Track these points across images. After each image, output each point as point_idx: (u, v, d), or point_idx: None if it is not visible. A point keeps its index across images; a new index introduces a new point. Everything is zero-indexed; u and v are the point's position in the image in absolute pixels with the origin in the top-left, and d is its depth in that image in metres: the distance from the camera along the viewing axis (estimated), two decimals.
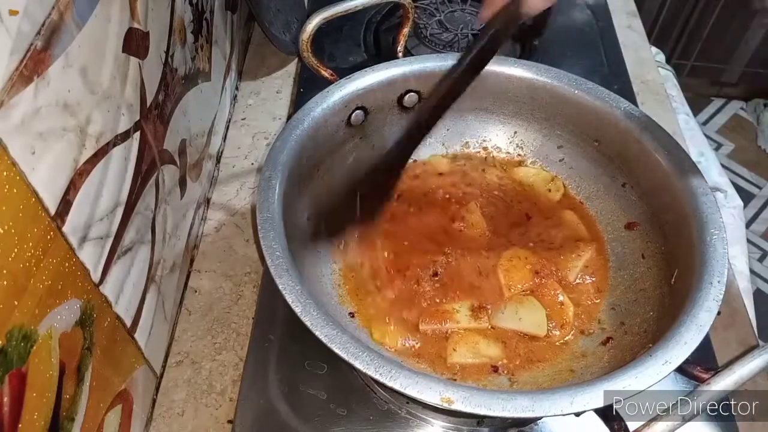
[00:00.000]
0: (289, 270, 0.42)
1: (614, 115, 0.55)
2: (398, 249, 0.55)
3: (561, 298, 0.53)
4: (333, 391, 0.52)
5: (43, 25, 0.31)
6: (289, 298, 0.40)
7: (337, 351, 0.38)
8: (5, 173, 0.28)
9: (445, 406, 0.36)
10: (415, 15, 0.63)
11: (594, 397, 0.37)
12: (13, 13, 0.28)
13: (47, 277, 0.33)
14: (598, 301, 0.53)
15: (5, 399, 0.29)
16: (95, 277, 0.39)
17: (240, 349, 0.56)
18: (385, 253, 0.54)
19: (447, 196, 0.59)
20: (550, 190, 0.61)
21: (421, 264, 0.54)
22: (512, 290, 0.53)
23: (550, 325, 0.51)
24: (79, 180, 0.35)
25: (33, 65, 0.30)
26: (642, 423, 0.36)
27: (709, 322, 0.40)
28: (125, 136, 0.42)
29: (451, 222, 0.57)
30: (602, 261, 0.56)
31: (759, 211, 1.61)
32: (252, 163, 0.72)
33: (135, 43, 0.43)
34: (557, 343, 0.51)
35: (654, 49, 0.96)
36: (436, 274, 0.53)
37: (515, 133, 0.62)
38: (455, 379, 0.49)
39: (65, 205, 0.34)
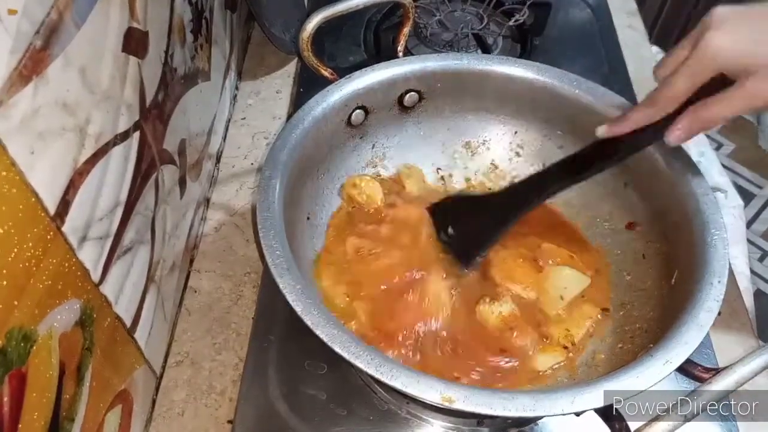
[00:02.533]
0: (289, 269, 0.41)
1: (614, 115, 0.55)
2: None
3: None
4: (333, 391, 0.52)
5: (42, 24, 0.31)
6: (289, 298, 0.40)
7: (338, 350, 0.38)
8: (4, 173, 0.28)
9: (446, 405, 0.36)
10: (416, 15, 0.63)
11: (595, 396, 0.37)
12: (11, 12, 0.28)
13: (47, 277, 0.33)
14: (598, 301, 0.53)
15: (5, 399, 0.29)
16: (95, 277, 0.39)
17: (240, 349, 0.56)
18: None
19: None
20: None
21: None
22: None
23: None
24: (78, 180, 0.35)
25: (32, 65, 0.30)
26: (643, 423, 0.36)
27: (710, 322, 0.40)
28: (125, 135, 0.42)
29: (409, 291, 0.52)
30: (596, 306, 0.53)
31: (759, 211, 1.61)
32: (252, 163, 0.72)
33: (134, 42, 0.43)
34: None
35: (655, 49, 0.96)
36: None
37: (516, 133, 0.62)
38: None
39: (65, 204, 0.34)
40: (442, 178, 0.63)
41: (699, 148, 0.94)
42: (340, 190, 0.59)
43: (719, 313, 0.41)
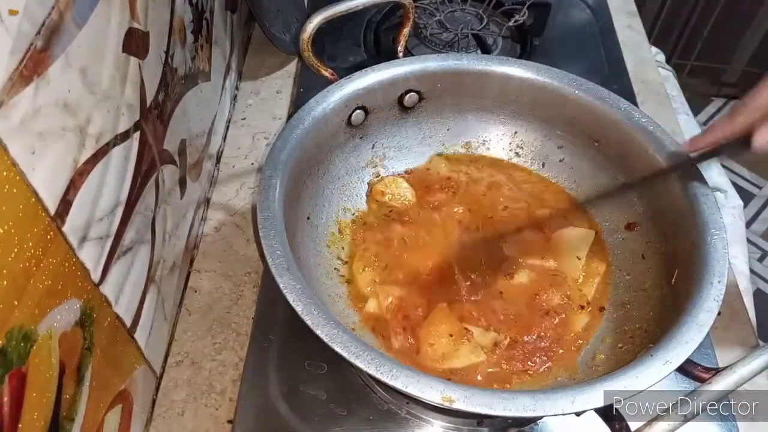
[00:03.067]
0: (290, 269, 0.42)
1: (614, 115, 0.55)
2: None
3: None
4: (333, 391, 0.52)
5: (43, 24, 0.31)
6: (290, 297, 0.40)
7: (338, 350, 0.38)
8: (5, 173, 0.28)
9: (447, 405, 0.36)
10: (416, 15, 0.63)
11: (595, 396, 0.37)
12: (13, 12, 0.28)
13: (47, 277, 0.33)
14: (598, 300, 0.53)
15: (5, 399, 0.29)
16: (95, 276, 0.39)
17: (240, 349, 0.56)
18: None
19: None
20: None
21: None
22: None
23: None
24: (79, 180, 0.35)
25: (33, 65, 0.30)
26: (643, 423, 0.36)
27: (710, 322, 0.40)
28: (125, 136, 0.42)
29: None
30: (602, 262, 0.56)
31: (759, 210, 1.61)
32: (252, 163, 0.72)
33: (135, 43, 0.43)
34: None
35: (654, 49, 0.96)
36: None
37: (515, 133, 0.62)
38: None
39: (65, 205, 0.34)
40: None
41: None
42: (367, 199, 0.60)
43: (719, 313, 0.41)
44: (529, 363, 0.49)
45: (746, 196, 1.60)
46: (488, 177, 0.62)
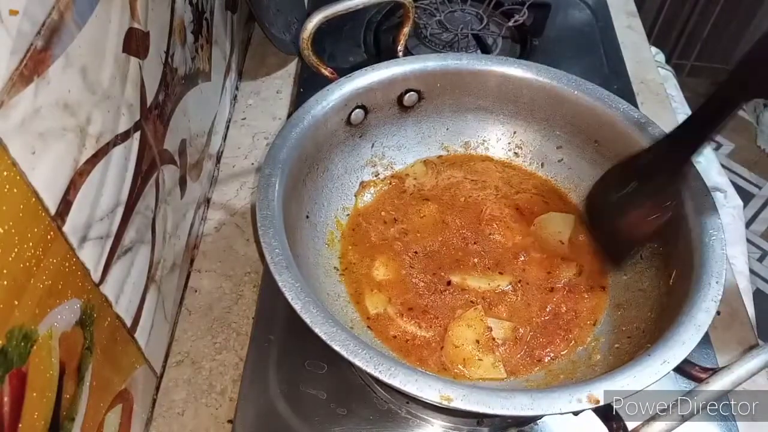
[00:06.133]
0: (288, 267, 0.42)
1: (613, 115, 0.55)
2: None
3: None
4: (333, 390, 0.52)
5: (43, 25, 0.31)
6: (288, 296, 0.40)
7: (336, 348, 0.38)
8: (5, 173, 0.29)
9: (445, 404, 0.36)
10: (416, 15, 0.63)
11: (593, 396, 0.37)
12: (13, 13, 0.28)
13: (47, 277, 0.33)
14: (596, 301, 0.54)
15: (6, 399, 0.29)
16: (95, 276, 0.39)
17: (240, 349, 0.57)
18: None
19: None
20: None
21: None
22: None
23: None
24: (79, 180, 0.35)
25: (33, 65, 0.30)
26: (640, 422, 0.37)
27: (708, 322, 0.41)
28: (125, 136, 0.42)
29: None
30: (601, 261, 0.56)
31: (759, 210, 1.61)
32: (252, 163, 0.72)
33: (135, 43, 0.43)
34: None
35: (654, 49, 0.96)
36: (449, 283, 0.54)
37: (515, 133, 0.62)
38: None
39: (65, 204, 0.34)
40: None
41: None
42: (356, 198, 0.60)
43: (718, 313, 0.41)
44: (548, 349, 0.50)
45: (746, 196, 1.60)
46: (460, 173, 0.63)
